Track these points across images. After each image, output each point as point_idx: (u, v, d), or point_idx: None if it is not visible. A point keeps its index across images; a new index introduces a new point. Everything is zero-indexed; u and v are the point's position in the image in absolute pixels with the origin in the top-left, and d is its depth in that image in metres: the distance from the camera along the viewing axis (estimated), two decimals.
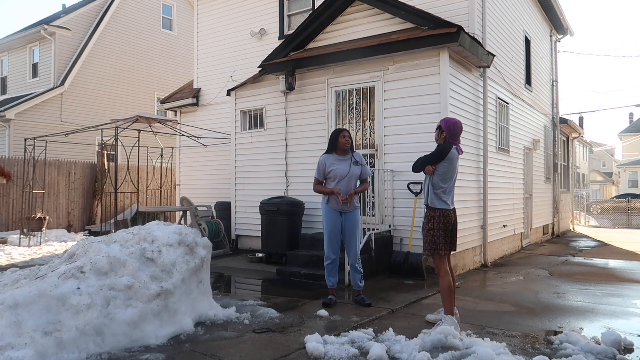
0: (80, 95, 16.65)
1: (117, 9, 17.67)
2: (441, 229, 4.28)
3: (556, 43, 14.07)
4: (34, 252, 9.43)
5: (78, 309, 3.62)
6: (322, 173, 5.18)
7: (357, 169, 5.17)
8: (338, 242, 5.23)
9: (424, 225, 4.39)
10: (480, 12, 7.83)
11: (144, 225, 4.70)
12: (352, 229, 5.20)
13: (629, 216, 23.01)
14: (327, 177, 5.16)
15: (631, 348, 3.84)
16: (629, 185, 44.44)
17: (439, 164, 4.31)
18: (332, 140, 5.23)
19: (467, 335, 4.05)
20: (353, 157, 5.20)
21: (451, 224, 4.35)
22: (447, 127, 4.37)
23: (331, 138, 5.27)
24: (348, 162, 5.14)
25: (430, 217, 4.33)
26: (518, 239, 9.99)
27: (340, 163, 5.13)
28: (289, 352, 3.70)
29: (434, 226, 4.29)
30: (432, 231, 4.29)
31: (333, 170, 5.09)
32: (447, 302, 4.19)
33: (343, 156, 5.18)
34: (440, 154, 4.34)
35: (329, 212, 5.18)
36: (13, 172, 12.13)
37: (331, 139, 5.25)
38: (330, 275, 5.25)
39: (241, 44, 10.54)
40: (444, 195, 4.32)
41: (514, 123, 9.84)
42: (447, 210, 4.32)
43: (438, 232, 4.28)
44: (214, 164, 10.93)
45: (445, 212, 4.31)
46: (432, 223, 4.31)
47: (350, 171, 5.11)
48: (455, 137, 4.38)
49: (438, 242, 4.27)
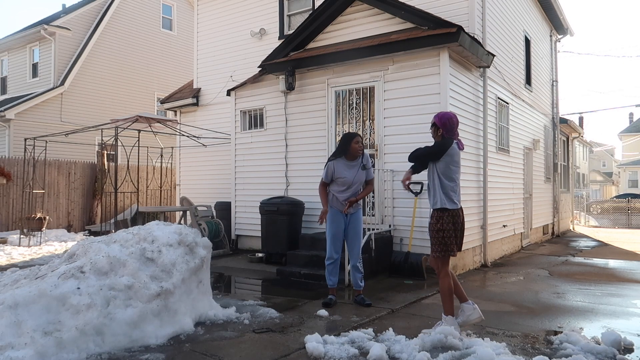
0: (80, 95, 16.65)
1: (117, 9, 17.67)
2: (451, 229, 4.11)
3: (556, 43, 14.08)
4: (34, 252, 9.43)
5: (78, 309, 3.62)
6: (330, 177, 5.15)
7: (363, 175, 5.16)
8: (341, 242, 5.23)
9: (432, 226, 4.18)
10: (480, 12, 7.83)
11: (144, 225, 4.70)
12: (356, 229, 5.19)
13: (629, 216, 23.01)
14: (334, 181, 5.14)
15: (631, 348, 3.84)
16: (629, 185, 44.45)
17: (439, 160, 4.16)
18: (344, 144, 5.13)
19: (467, 335, 4.06)
20: (362, 160, 5.15)
21: (460, 224, 4.21)
22: (441, 122, 4.23)
23: (342, 142, 5.18)
24: (356, 168, 5.11)
25: (439, 217, 4.14)
26: (518, 239, 9.99)
27: (349, 170, 5.09)
28: (289, 352, 3.70)
29: (443, 226, 4.11)
30: (442, 232, 4.11)
31: (340, 178, 5.08)
32: (447, 303, 4.14)
33: (352, 161, 5.12)
34: (440, 148, 4.18)
35: (334, 213, 5.17)
36: (13, 172, 12.13)
37: (342, 143, 5.16)
38: (331, 275, 5.25)
39: (241, 44, 10.54)
40: (453, 195, 4.17)
41: (514, 123, 9.84)
42: (456, 210, 4.18)
43: (448, 233, 4.10)
44: (214, 164, 10.93)
45: (454, 212, 4.16)
46: (442, 223, 4.12)
47: (357, 177, 5.11)
48: (452, 131, 4.22)
49: (449, 243, 4.11)
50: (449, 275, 4.17)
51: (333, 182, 5.16)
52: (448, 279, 4.16)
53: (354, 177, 5.09)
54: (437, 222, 4.14)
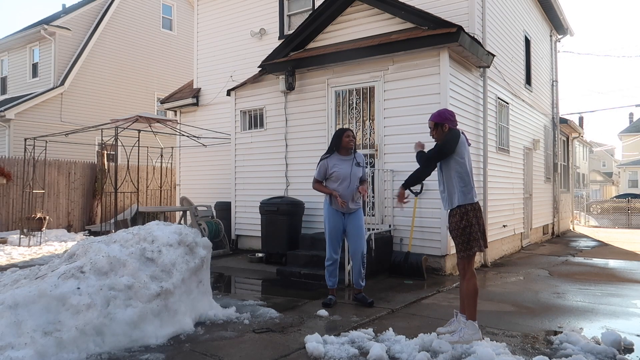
0: (80, 95, 16.65)
1: (117, 9, 17.67)
2: (476, 224, 3.91)
3: (556, 43, 14.08)
4: (34, 252, 9.43)
5: (78, 309, 3.62)
6: (323, 174, 5.13)
7: (358, 171, 5.13)
8: (339, 243, 5.20)
9: (456, 224, 3.94)
10: (480, 12, 7.83)
11: (144, 225, 4.70)
12: (357, 228, 5.13)
13: (629, 216, 22.99)
14: (329, 177, 5.10)
15: (631, 348, 3.84)
16: (629, 185, 44.43)
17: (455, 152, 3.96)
18: (336, 139, 5.17)
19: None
20: (355, 158, 5.16)
21: (482, 218, 4.03)
22: (442, 117, 4.08)
23: (334, 137, 5.21)
24: (350, 163, 5.09)
25: (463, 214, 3.91)
26: (518, 239, 9.99)
27: (343, 164, 5.08)
28: (289, 352, 3.70)
29: (470, 222, 3.89)
30: (469, 228, 3.88)
31: (335, 171, 5.04)
32: (471, 308, 3.89)
33: (345, 156, 5.13)
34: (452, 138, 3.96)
35: (332, 213, 5.12)
36: (13, 172, 12.14)
37: (334, 139, 5.20)
38: (331, 276, 5.23)
39: (241, 44, 10.54)
40: (471, 189, 3.99)
41: (514, 123, 9.84)
42: (477, 203, 4.00)
43: (474, 228, 3.89)
44: (214, 164, 10.93)
45: (476, 205, 3.96)
46: (467, 219, 3.90)
47: (352, 172, 5.07)
48: (455, 122, 4.11)
49: (477, 239, 3.89)
50: (475, 276, 3.97)
51: (328, 179, 5.11)
52: (475, 279, 3.94)
53: (349, 171, 5.04)
54: (462, 219, 3.92)
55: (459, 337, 3.82)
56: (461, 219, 3.93)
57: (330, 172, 5.07)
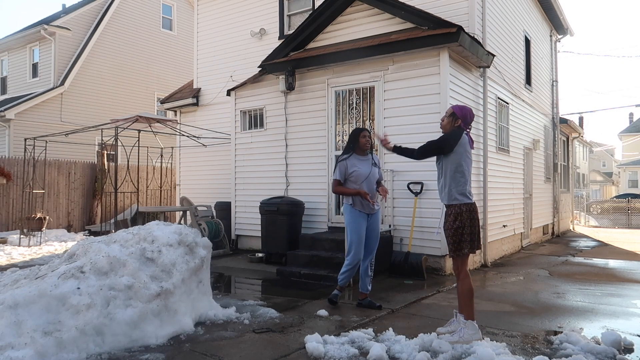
0: (80, 95, 16.65)
1: (117, 9, 17.67)
2: (468, 225, 3.92)
3: (556, 43, 14.08)
4: (34, 252, 9.43)
5: (78, 309, 3.62)
6: (344, 174, 5.01)
7: (376, 171, 5.09)
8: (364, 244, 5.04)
9: (450, 225, 3.96)
10: (480, 12, 7.83)
11: (144, 225, 4.70)
12: (376, 230, 5.09)
13: (629, 216, 22.97)
14: (348, 178, 4.99)
15: (631, 348, 3.84)
16: (629, 185, 44.44)
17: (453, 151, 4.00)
18: (353, 139, 5.08)
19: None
20: (372, 158, 5.11)
21: (477, 219, 4.04)
22: (462, 113, 4.12)
23: (351, 138, 5.13)
24: (368, 163, 5.03)
25: (457, 214, 3.92)
26: (518, 239, 9.99)
27: (361, 164, 5.00)
28: (289, 352, 3.70)
29: (463, 223, 3.90)
30: (461, 229, 3.90)
31: (355, 171, 4.95)
32: (468, 307, 3.92)
33: (363, 156, 5.06)
34: (454, 137, 4.01)
35: (357, 215, 4.99)
36: (13, 172, 12.13)
37: (351, 139, 5.11)
38: (349, 277, 5.11)
39: (241, 44, 10.54)
40: (468, 188, 4.01)
41: (514, 123, 9.84)
42: (472, 204, 4.01)
43: (467, 229, 3.91)
44: (214, 164, 10.93)
45: (471, 206, 3.97)
46: (460, 220, 3.91)
47: (372, 172, 5.01)
48: (468, 124, 4.16)
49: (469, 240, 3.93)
50: (469, 276, 3.99)
51: (347, 180, 5.00)
52: (469, 280, 3.97)
53: (368, 171, 4.97)
54: (455, 219, 3.93)
55: (458, 337, 3.82)
56: (455, 219, 3.95)
57: (350, 172, 4.98)
